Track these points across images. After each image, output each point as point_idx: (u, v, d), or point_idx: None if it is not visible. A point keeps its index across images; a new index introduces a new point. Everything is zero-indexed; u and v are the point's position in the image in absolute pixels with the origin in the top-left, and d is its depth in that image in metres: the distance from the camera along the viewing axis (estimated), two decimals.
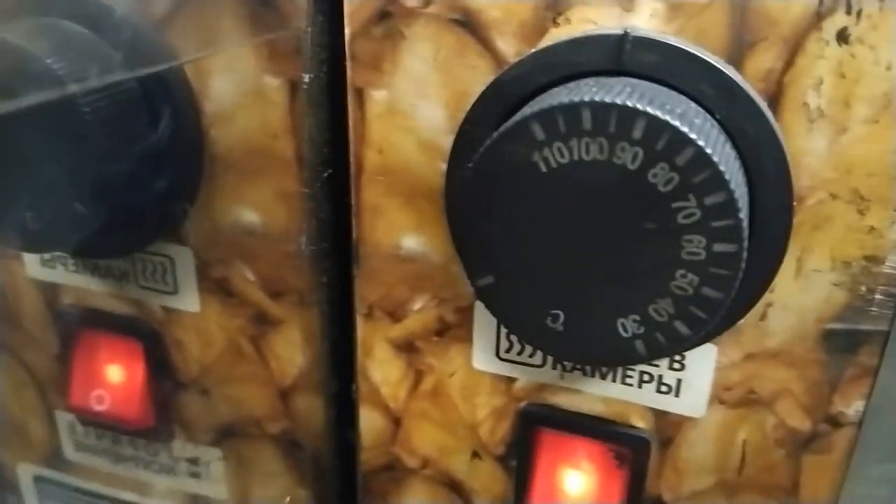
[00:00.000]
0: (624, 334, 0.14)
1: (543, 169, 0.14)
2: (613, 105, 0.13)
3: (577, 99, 0.14)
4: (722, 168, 0.13)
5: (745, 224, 0.13)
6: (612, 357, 0.15)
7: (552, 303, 0.15)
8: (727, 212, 0.13)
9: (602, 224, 0.14)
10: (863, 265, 0.16)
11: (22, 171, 0.18)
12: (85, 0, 0.18)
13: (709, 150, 0.13)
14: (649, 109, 0.13)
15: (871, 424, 0.17)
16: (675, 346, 0.14)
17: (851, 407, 0.17)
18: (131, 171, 0.18)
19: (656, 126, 0.13)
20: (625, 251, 0.14)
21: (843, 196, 0.15)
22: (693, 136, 0.13)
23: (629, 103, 0.13)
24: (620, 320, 0.14)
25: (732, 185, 0.13)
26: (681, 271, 0.14)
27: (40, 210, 0.18)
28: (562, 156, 0.14)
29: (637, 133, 0.13)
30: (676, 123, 0.13)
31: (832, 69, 0.15)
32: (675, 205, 0.13)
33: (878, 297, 0.16)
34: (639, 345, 0.14)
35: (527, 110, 0.14)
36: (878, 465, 0.17)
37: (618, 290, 0.14)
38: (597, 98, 0.13)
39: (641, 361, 0.15)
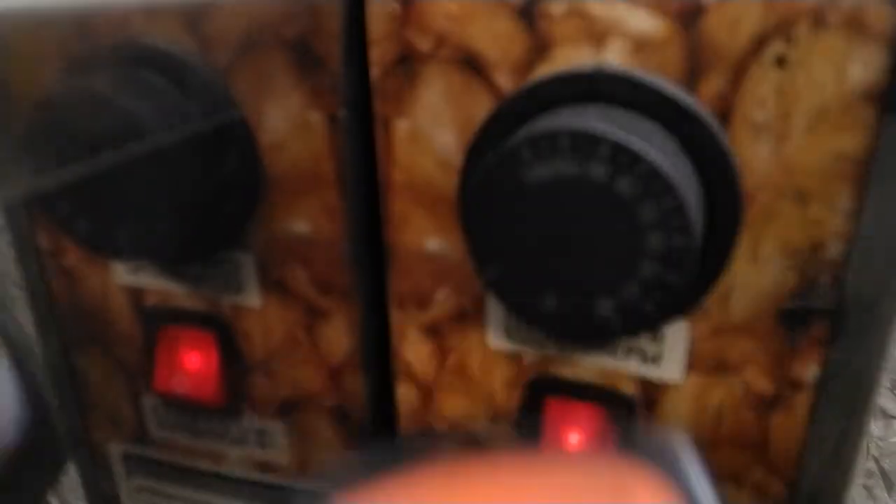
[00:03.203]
0: (603, 314, 0.18)
1: (533, 182, 0.17)
2: (586, 130, 0.16)
3: (557, 125, 0.17)
4: (673, 179, 0.16)
5: (696, 222, 0.17)
6: (594, 333, 0.18)
7: (545, 289, 0.18)
8: (679, 213, 0.16)
9: (581, 225, 0.17)
10: (808, 252, 0.19)
11: (115, 195, 0.21)
12: (162, 53, 0.21)
13: (662, 165, 0.16)
14: (614, 133, 0.16)
15: (828, 388, 0.20)
16: (645, 323, 0.18)
17: (808, 372, 0.20)
18: (203, 193, 0.22)
19: (619, 146, 0.16)
20: (600, 246, 0.17)
21: (788, 194, 0.18)
22: (648, 153, 0.16)
23: (598, 129, 0.16)
24: (599, 302, 0.18)
25: (682, 192, 0.16)
26: (646, 262, 0.17)
27: (130, 226, 0.21)
28: (546, 171, 0.17)
29: (604, 152, 0.16)
30: (635, 144, 0.16)
31: (773, 89, 0.18)
32: (638, 208, 0.17)
33: (823, 279, 0.19)
34: (615, 322, 0.18)
35: (518, 135, 0.17)
36: (837, 423, 0.20)
37: (596, 278, 0.17)
38: (572, 125, 0.17)
39: (618, 337, 0.18)
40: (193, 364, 0.26)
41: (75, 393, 0.29)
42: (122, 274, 0.26)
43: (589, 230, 0.17)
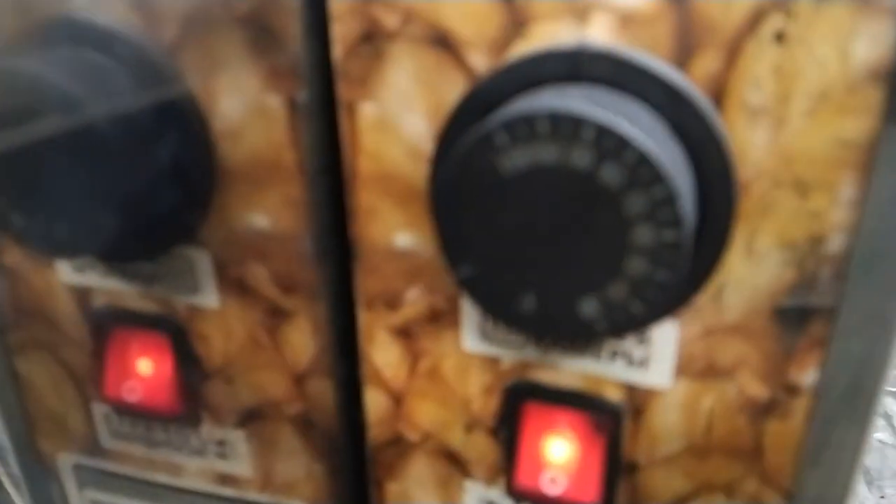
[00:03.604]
0: (586, 313, 0.16)
1: (509, 171, 0.16)
2: (567, 112, 0.15)
3: (535, 107, 0.15)
4: (664, 166, 0.15)
5: (687, 214, 0.15)
6: (577, 334, 0.17)
7: (523, 288, 0.17)
8: (670, 205, 0.15)
9: (563, 217, 0.16)
10: (808, 246, 0.17)
11: (50, 186, 0.19)
12: (97, 28, 0.20)
13: (651, 151, 0.15)
14: (599, 115, 0.15)
15: (828, 393, 0.19)
16: (633, 324, 0.16)
17: (806, 376, 0.18)
18: (148, 183, 0.20)
19: (604, 130, 0.15)
20: (583, 240, 0.16)
21: (786, 183, 0.17)
22: (637, 137, 0.15)
23: (581, 110, 0.15)
24: (582, 301, 0.16)
25: (674, 181, 0.15)
26: (633, 256, 0.16)
27: (68, 220, 0.20)
28: (524, 158, 0.16)
29: (588, 136, 0.15)
30: (623, 127, 0.15)
31: (771, 68, 0.16)
32: (625, 199, 0.15)
33: (823, 275, 0.17)
34: (600, 323, 0.16)
35: (492, 119, 0.16)
36: (838, 431, 0.19)
37: (579, 276, 0.16)
38: (553, 106, 0.15)
39: (603, 337, 0.17)
40: (146, 369, 0.25)
41: (20, 400, 0.28)
42: (68, 273, 0.25)
43: (571, 223, 0.16)
